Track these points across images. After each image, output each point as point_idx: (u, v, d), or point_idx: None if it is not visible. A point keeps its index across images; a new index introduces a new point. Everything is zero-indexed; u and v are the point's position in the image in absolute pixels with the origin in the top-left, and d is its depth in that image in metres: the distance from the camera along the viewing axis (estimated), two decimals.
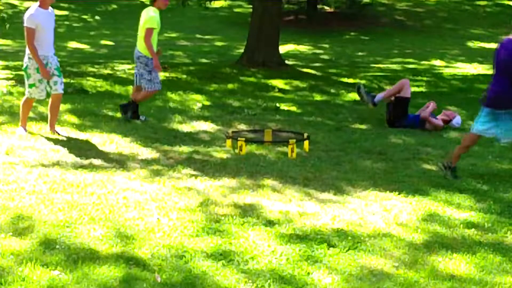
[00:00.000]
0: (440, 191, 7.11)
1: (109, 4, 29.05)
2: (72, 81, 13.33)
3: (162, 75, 14.97)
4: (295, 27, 25.64)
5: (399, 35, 25.59)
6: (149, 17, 9.72)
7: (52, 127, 9.04)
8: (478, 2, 30.59)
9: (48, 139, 8.66)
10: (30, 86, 8.87)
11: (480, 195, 7.08)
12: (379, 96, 10.75)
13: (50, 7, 8.84)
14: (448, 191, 7.14)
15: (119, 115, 10.35)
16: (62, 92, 9.00)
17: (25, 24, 8.65)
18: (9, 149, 8.04)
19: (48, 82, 8.82)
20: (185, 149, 8.54)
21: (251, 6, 20.23)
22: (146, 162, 7.87)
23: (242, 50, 17.79)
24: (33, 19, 8.62)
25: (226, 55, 19.51)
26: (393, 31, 26.20)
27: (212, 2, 21.97)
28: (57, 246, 5.32)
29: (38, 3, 8.75)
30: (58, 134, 8.95)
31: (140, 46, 9.82)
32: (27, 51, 8.75)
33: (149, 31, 9.67)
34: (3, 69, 15.26)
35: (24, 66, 8.87)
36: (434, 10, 29.70)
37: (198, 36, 24.53)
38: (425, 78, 16.05)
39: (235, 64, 16.79)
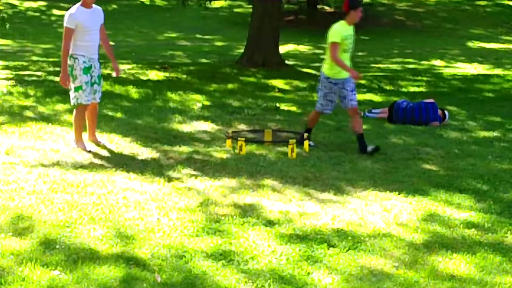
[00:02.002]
0: (440, 191, 7.11)
1: (109, 4, 29.03)
2: None
3: (162, 75, 15.02)
4: (295, 27, 25.65)
5: (399, 35, 25.59)
6: (331, 30, 8.56)
7: (92, 135, 8.51)
8: (478, 2, 30.58)
9: (51, 140, 8.66)
10: (76, 89, 8.16)
11: (480, 195, 7.08)
12: (373, 114, 11.16)
13: (94, 5, 8.22)
14: (448, 191, 7.15)
15: (119, 115, 10.35)
16: (99, 101, 8.47)
17: (64, 23, 8.15)
18: (9, 149, 8.03)
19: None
20: (185, 149, 8.53)
21: (251, 6, 20.23)
22: (146, 162, 7.87)
23: (242, 50, 17.78)
24: (72, 19, 8.08)
25: (226, 55, 19.49)
26: (393, 31, 26.20)
27: (212, 2, 21.98)
28: (57, 246, 5.32)
29: (80, 1, 8.22)
30: (98, 143, 8.45)
31: (324, 67, 8.75)
32: (70, 52, 8.16)
33: (333, 46, 8.48)
34: (3, 69, 15.25)
35: (68, 69, 8.20)
36: (434, 10, 29.70)
37: (198, 36, 24.52)
38: (425, 78, 16.05)
39: (235, 64, 16.79)
